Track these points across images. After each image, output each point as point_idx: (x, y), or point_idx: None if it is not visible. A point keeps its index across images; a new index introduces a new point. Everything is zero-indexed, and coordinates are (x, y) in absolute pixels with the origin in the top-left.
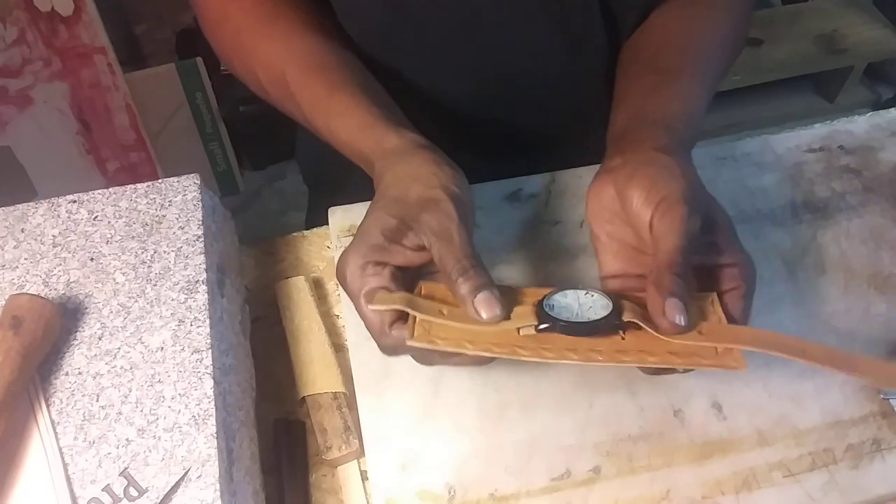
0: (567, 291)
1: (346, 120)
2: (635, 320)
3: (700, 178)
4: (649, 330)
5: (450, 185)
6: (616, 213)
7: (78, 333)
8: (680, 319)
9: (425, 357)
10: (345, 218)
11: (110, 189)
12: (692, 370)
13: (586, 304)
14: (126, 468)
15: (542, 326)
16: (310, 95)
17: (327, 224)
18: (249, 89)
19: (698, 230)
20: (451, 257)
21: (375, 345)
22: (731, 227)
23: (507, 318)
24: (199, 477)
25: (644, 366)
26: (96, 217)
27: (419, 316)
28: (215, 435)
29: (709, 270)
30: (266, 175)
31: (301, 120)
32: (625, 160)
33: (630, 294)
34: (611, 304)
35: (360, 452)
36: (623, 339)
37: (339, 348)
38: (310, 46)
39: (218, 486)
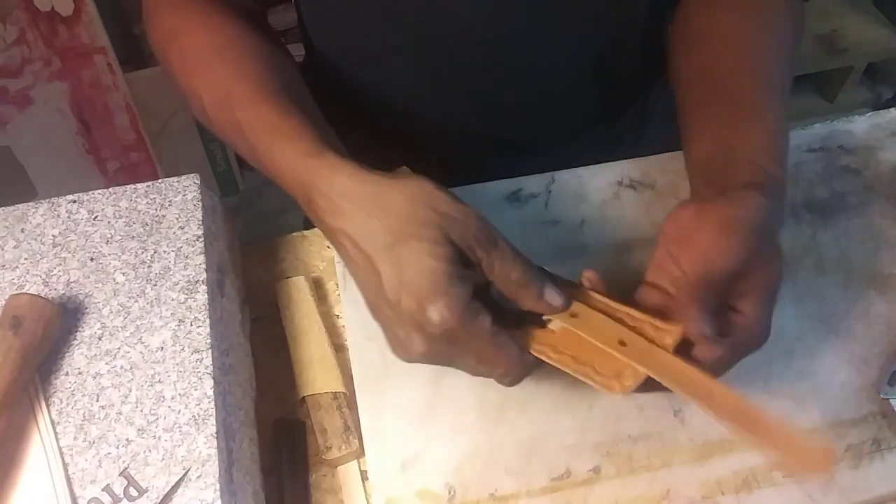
0: None
1: (294, 145)
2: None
3: (775, 222)
4: (575, 330)
5: (449, 196)
6: (686, 233)
7: (78, 333)
8: (713, 355)
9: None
10: None
11: (110, 189)
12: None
13: None
14: (126, 468)
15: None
16: (255, 118)
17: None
18: None
19: (731, 269)
20: (508, 264)
21: (375, 345)
22: (770, 288)
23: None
24: (199, 477)
25: (550, 363)
26: (96, 217)
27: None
28: (215, 435)
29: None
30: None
31: (241, 146)
32: (716, 192)
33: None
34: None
35: (360, 452)
36: (554, 333)
37: (339, 348)
38: (259, 72)
39: (218, 486)
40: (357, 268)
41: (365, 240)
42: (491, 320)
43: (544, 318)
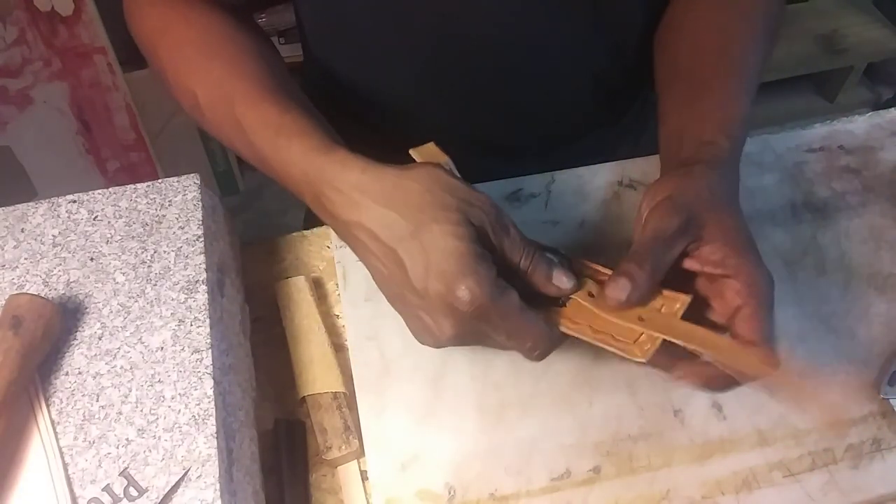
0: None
1: (301, 142)
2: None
3: (720, 188)
4: (586, 304)
5: (463, 183)
6: (641, 214)
7: (78, 333)
8: (620, 295)
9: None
10: None
11: (110, 189)
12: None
13: None
14: (126, 468)
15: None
16: (257, 116)
17: (327, 224)
18: None
19: (675, 226)
20: (518, 248)
21: (375, 345)
22: (744, 236)
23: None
24: (199, 477)
25: (568, 333)
26: (96, 217)
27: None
28: (215, 435)
29: (713, 282)
30: (266, 175)
31: (240, 144)
32: (665, 170)
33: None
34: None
35: (360, 452)
36: (564, 306)
37: (339, 348)
38: (255, 69)
39: (218, 486)
40: (377, 260)
41: (384, 231)
42: (518, 295)
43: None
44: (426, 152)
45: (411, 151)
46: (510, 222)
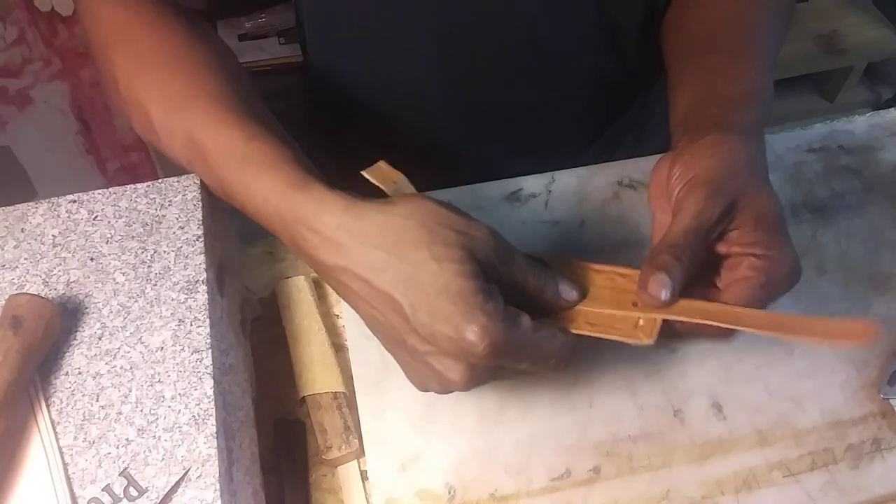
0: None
1: (271, 175)
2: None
3: (756, 163)
4: (587, 308)
5: (461, 214)
6: (663, 190)
7: (78, 333)
8: (659, 292)
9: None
10: None
11: (110, 189)
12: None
13: None
14: (126, 468)
15: None
16: (220, 142)
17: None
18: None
19: (716, 215)
20: (523, 274)
21: (375, 345)
22: (776, 219)
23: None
24: (199, 477)
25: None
26: (96, 217)
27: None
28: (215, 435)
29: (737, 259)
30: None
31: (200, 169)
32: (689, 140)
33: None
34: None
35: (360, 452)
36: (565, 310)
37: (339, 348)
38: (220, 88)
39: (218, 486)
40: (370, 307)
41: (377, 275)
42: (529, 317)
43: None
44: (378, 172)
45: (363, 173)
46: (514, 249)
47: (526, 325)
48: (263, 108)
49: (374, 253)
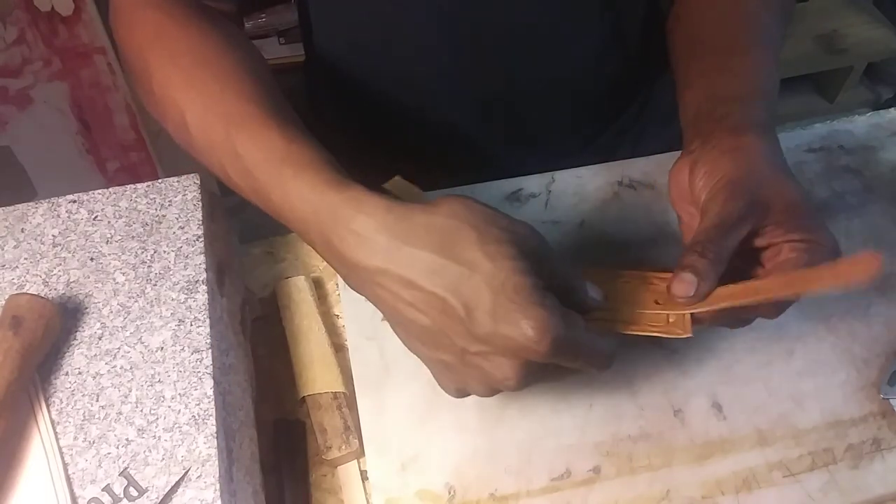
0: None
1: (309, 175)
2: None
3: (775, 158)
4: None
5: (501, 213)
6: (685, 193)
7: (78, 333)
8: (687, 291)
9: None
10: None
11: (110, 189)
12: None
13: None
14: (126, 468)
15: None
16: (259, 143)
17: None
18: None
19: (738, 211)
20: (565, 268)
21: (375, 345)
22: (806, 205)
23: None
24: (199, 477)
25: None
26: (96, 217)
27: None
28: (215, 435)
29: (777, 247)
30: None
31: (233, 173)
32: (703, 141)
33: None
34: None
35: (360, 452)
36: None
37: (339, 348)
38: (255, 91)
39: (218, 486)
40: (413, 310)
41: (425, 277)
42: (580, 316)
43: None
44: (397, 186)
45: (385, 186)
46: (549, 243)
47: (580, 323)
48: (293, 113)
49: (420, 254)
